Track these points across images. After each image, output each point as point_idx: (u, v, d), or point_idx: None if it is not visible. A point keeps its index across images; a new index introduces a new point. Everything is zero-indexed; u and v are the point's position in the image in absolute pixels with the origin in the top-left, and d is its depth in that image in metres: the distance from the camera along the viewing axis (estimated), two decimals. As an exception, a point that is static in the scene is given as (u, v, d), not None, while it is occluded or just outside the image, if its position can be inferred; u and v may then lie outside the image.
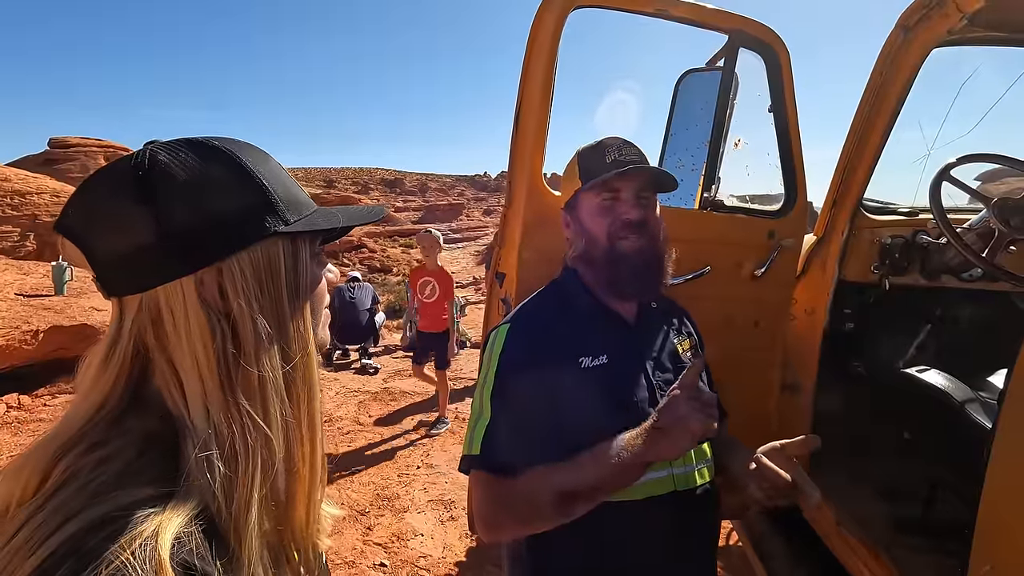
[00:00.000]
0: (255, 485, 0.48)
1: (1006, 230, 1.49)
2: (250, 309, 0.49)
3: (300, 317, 0.54)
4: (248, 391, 0.49)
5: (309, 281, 0.56)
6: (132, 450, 0.44)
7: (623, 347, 1.05)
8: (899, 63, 1.64)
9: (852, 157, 1.80)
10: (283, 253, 0.53)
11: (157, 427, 0.47)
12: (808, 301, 1.95)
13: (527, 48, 1.50)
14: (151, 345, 0.48)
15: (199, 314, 0.47)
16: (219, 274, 0.49)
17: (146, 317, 0.47)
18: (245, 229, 0.50)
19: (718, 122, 1.75)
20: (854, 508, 1.68)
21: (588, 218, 1.10)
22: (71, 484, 0.41)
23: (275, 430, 0.50)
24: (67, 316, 5.19)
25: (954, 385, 1.59)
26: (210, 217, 0.48)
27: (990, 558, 0.96)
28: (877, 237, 1.87)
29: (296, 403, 0.54)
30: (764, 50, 1.65)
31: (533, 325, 1.08)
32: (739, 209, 1.74)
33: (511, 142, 1.54)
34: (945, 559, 1.38)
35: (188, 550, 0.41)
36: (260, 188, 0.51)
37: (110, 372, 0.48)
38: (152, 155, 0.47)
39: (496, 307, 1.64)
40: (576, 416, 0.98)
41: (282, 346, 0.52)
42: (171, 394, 0.47)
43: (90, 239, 0.47)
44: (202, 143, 0.50)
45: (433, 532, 3.01)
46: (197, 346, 0.47)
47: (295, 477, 0.54)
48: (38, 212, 16.06)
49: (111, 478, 0.42)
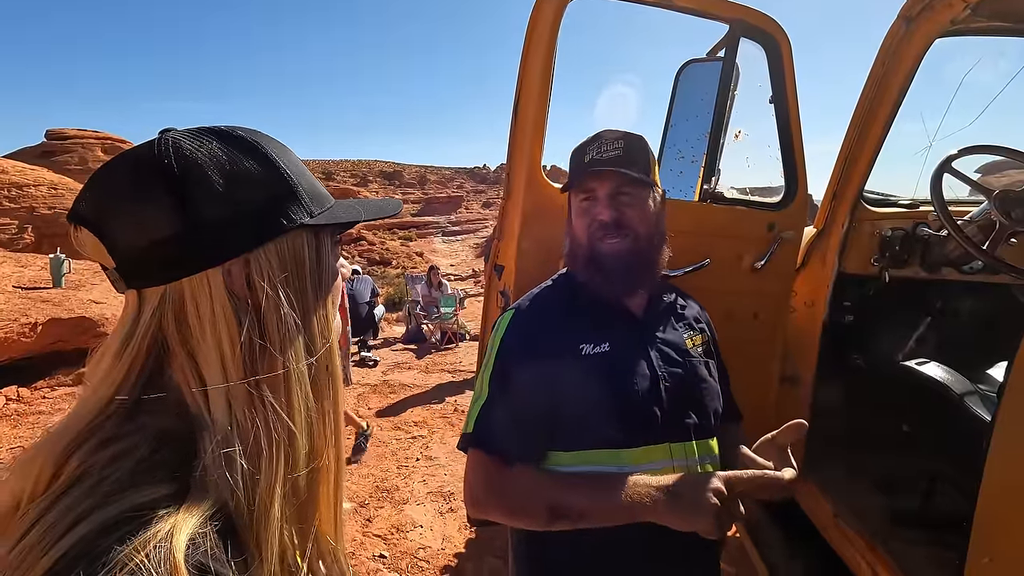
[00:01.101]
0: (277, 481, 0.47)
1: (1007, 222, 1.48)
2: (277, 300, 0.49)
3: (323, 309, 0.54)
4: (273, 384, 0.48)
5: (330, 274, 0.55)
6: (145, 447, 0.43)
7: (627, 338, 1.05)
8: (901, 54, 1.63)
9: (853, 149, 1.78)
10: (307, 245, 0.52)
11: (172, 423, 0.45)
12: (808, 293, 1.94)
13: (526, 38, 1.48)
14: (172, 337, 0.46)
15: (226, 305, 0.46)
16: (247, 265, 0.48)
17: (168, 309, 0.46)
18: (273, 220, 0.49)
19: (718, 113, 1.74)
20: (852, 500, 1.69)
21: (573, 219, 1.11)
22: (84, 482, 0.40)
23: (299, 424, 0.49)
24: (65, 309, 5.18)
25: (953, 378, 1.58)
26: (238, 208, 0.47)
27: (989, 550, 0.96)
28: (877, 229, 1.86)
29: (320, 397, 0.53)
30: (765, 39, 1.63)
31: (537, 312, 1.08)
32: (739, 201, 1.73)
33: (510, 133, 1.53)
34: (943, 551, 1.38)
35: (203, 551, 0.40)
36: (286, 179, 0.50)
37: (123, 364, 0.46)
38: (175, 144, 0.46)
39: (495, 299, 1.63)
40: (573, 401, 0.98)
41: (306, 338, 0.51)
42: (190, 388, 0.46)
43: (111, 229, 0.46)
44: (227, 132, 0.49)
45: (432, 524, 3.02)
46: (223, 338, 0.46)
47: (319, 475, 0.52)
48: (36, 204, 16.01)
49: (124, 476, 0.41)
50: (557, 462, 0.99)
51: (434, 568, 2.66)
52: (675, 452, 0.99)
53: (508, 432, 0.98)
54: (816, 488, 1.78)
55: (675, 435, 1.01)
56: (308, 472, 0.51)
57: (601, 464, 0.97)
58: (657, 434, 0.99)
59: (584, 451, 0.98)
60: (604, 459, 0.97)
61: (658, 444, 0.98)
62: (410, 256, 28.69)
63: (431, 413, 4.74)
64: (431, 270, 8.83)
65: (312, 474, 0.52)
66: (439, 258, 31.51)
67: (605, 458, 0.97)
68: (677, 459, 0.99)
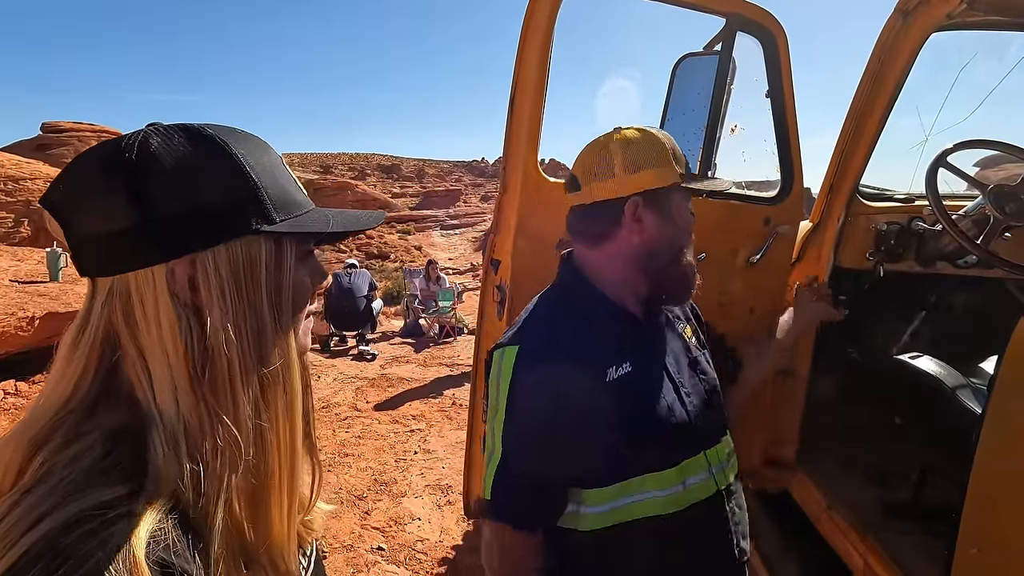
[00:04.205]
0: (221, 485, 0.47)
1: (1001, 217, 1.49)
2: (222, 306, 0.47)
3: (279, 322, 0.52)
4: (217, 389, 0.48)
5: (292, 285, 0.53)
6: (100, 446, 0.43)
7: (640, 348, 0.98)
8: (897, 48, 1.63)
9: (849, 143, 1.78)
10: (265, 253, 0.50)
11: (125, 420, 0.45)
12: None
13: (522, 30, 1.47)
14: (121, 330, 0.46)
15: (167, 304, 0.46)
16: (191, 266, 0.47)
17: (116, 301, 0.46)
18: (225, 223, 0.48)
19: (714, 107, 1.74)
20: (845, 492, 1.70)
21: (682, 219, 1.01)
22: (46, 481, 0.40)
23: (244, 433, 0.48)
24: (62, 302, 5.17)
25: (946, 371, 1.60)
26: (190, 206, 0.47)
27: (977, 541, 0.98)
28: (873, 223, 1.87)
29: (273, 407, 0.52)
30: (762, 33, 1.63)
31: (545, 345, 0.94)
32: (735, 195, 1.73)
33: (506, 127, 1.53)
34: (933, 542, 1.40)
35: (164, 547, 0.40)
36: (248, 182, 0.49)
37: (79, 357, 0.47)
38: (144, 138, 0.46)
39: (491, 294, 1.63)
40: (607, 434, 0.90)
41: (259, 349, 0.50)
42: (140, 382, 0.46)
43: (70, 215, 0.47)
44: (196, 130, 0.49)
45: (430, 516, 3.04)
46: (166, 336, 0.46)
47: (270, 484, 0.52)
48: (32, 198, 15.91)
49: (80, 476, 0.41)
50: (599, 500, 0.91)
51: (432, 560, 2.68)
52: (711, 458, 0.97)
53: (528, 498, 0.90)
54: (809, 480, 1.79)
55: (707, 441, 0.99)
56: (258, 480, 0.50)
57: (646, 491, 0.91)
58: (693, 446, 0.96)
59: (626, 481, 0.91)
60: (648, 485, 0.91)
61: (695, 456, 0.95)
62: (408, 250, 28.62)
63: (429, 407, 4.75)
64: (429, 264, 8.82)
65: (263, 483, 0.51)
66: (437, 252, 31.47)
67: (649, 484, 0.91)
68: (714, 466, 0.97)
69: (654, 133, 0.99)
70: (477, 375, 1.72)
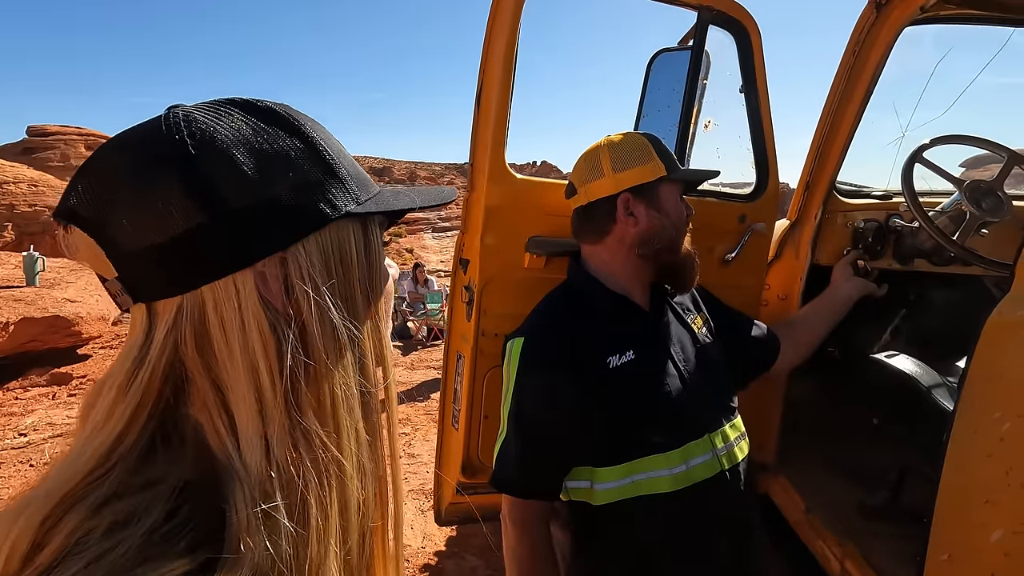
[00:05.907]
0: (331, 539, 0.37)
1: (977, 213, 1.47)
2: (323, 306, 0.39)
3: (375, 317, 0.44)
4: (320, 415, 0.38)
5: (382, 274, 0.45)
6: (159, 507, 0.33)
7: (645, 338, 1.07)
8: (871, 41, 1.60)
9: (825, 139, 1.76)
10: (355, 239, 0.42)
11: (192, 473, 0.36)
12: (781, 286, 1.92)
13: (487, 24, 1.43)
14: (191, 363, 0.37)
15: (261, 316, 0.37)
16: (283, 265, 0.38)
17: (186, 326, 0.36)
18: (313, 209, 0.39)
19: (687, 103, 1.70)
20: (823, 494, 1.67)
21: (672, 208, 1.11)
22: (78, 557, 0.30)
23: (351, 467, 0.39)
24: (39, 308, 5.08)
25: (922, 370, 1.57)
26: (270, 196, 0.38)
27: (948, 547, 0.94)
28: (850, 221, 1.84)
29: (373, 430, 0.42)
30: (733, 27, 1.60)
31: (551, 333, 1.06)
32: (709, 192, 1.70)
33: (472, 123, 1.49)
34: (908, 547, 1.37)
35: None
36: (327, 160, 0.41)
37: (130, 401, 0.36)
38: (188, 117, 0.37)
39: (459, 294, 1.59)
40: (611, 418, 0.99)
41: (358, 355, 0.41)
42: (215, 427, 0.36)
43: (110, 227, 0.36)
44: (252, 103, 0.40)
45: (413, 521, 3.00)
46: (257, 358, 0.36)
47: (374, 539, 0.42)
48: (15, 202, 15.71)
49: (131, 549, 0.31)
50: (606, 478, 1.00)
51: (413, 567, 2.63)
52: (715, 441, 1.04)
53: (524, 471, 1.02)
54: (788, 482, 1.76)
55: (712, 425, 1.06)
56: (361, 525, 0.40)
57: (652, 470, 0.99)
58: (698, 429, 1.04)
59: (632, 462, 1.00)
60: (654, 465, 1.00)
61: (700, 439, 1.03)
62: (400, 252, 28.53)
63: (415, 410, 4.71)
64: (416, 267, 8.88)
65: (365, 533, 0.41)
66: (429, 254, 31.40)
67: (654, 464, 1.00)
68: (718, 448, 1.04)
69: (638, 135, 1.13)
70: (447, 377, 1.68)
